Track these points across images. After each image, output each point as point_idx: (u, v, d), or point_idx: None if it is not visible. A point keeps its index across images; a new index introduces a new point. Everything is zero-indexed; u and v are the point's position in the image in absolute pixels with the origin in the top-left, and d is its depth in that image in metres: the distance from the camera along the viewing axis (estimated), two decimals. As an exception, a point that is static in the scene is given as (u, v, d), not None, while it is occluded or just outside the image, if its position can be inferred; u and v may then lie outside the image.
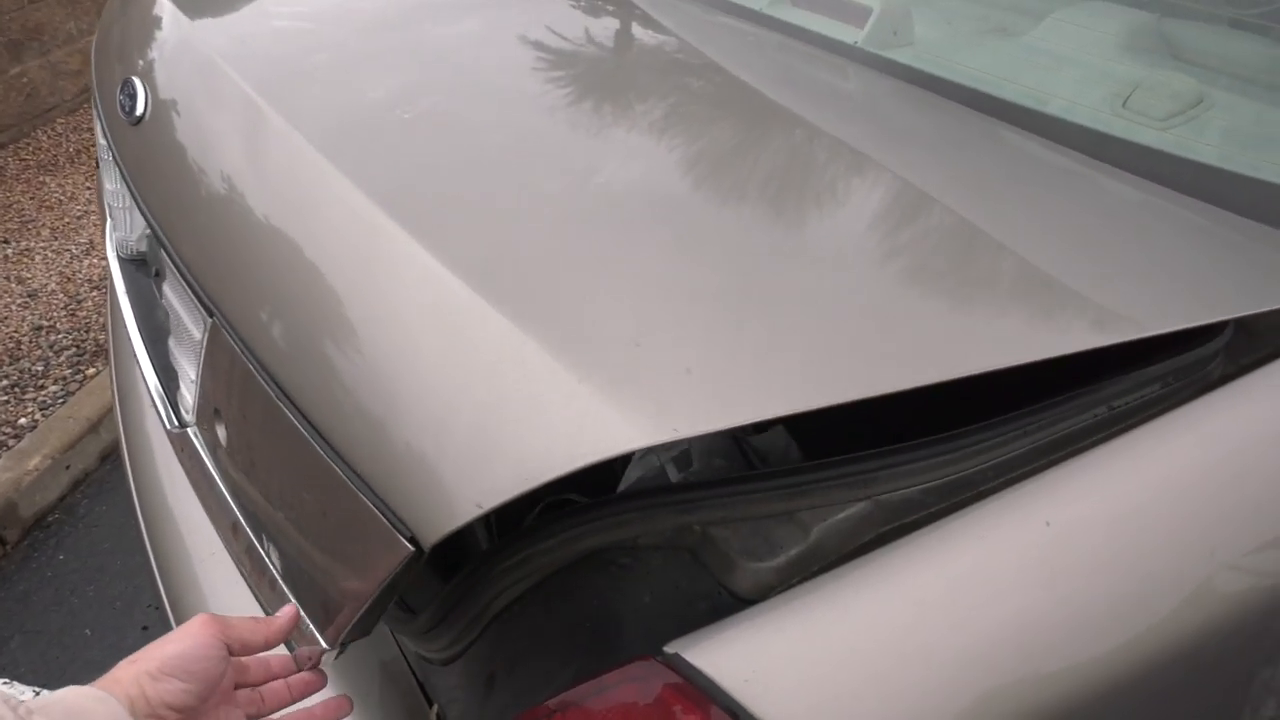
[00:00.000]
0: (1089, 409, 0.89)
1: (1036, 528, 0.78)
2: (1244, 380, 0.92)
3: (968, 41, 1.49)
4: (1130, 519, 0.82)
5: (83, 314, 3.27)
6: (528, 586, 0.83)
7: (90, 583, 2.38)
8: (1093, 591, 0.79)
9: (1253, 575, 0.86)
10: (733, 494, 0.80)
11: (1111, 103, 1.31)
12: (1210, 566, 0.84)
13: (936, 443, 0.85)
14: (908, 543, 0.78)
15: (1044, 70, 1.37)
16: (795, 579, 0.79)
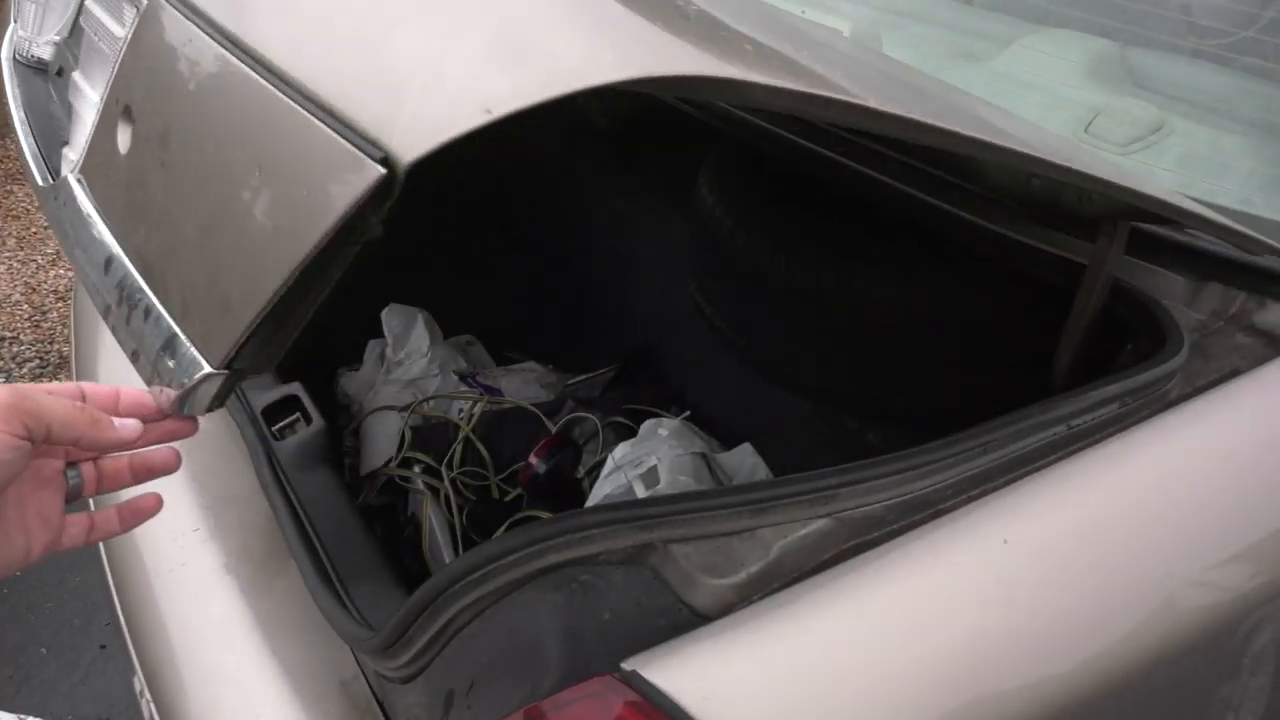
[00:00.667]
0: (1048, 427, 0.90)
1: (994, 545, 0.79)
2: (1199, 400, 0.94)
3: (936, 67, 1.50)
4: (1087, 537, 0.82)
5: (47, 325, 3.22)
6: (489, 604, 0.82)
7: (47, 599, 2.32)
8: (1051, 609, 0.79)
9: (1211, 591, 0.87)
10: (695, 511, 0.80)
11: (1074, 127, 1.32)
12: (1169, 584, 0.85)
13: (898, 460, 0.85)
14: (867, 561, 0.78)
15: (1009, 96, 1.39)
16: (756, 596, 0.78)
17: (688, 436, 1.48)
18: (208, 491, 1.32)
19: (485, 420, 1.82)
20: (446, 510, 1.61)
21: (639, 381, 2.12)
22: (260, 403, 1.38)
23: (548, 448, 1.58)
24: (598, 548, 0.80)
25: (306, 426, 1.34)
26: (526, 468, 1.57)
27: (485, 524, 1.56)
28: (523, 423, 1.85)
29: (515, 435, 1.83)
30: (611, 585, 0.80)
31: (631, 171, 2.26)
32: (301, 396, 1.39)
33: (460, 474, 1.69)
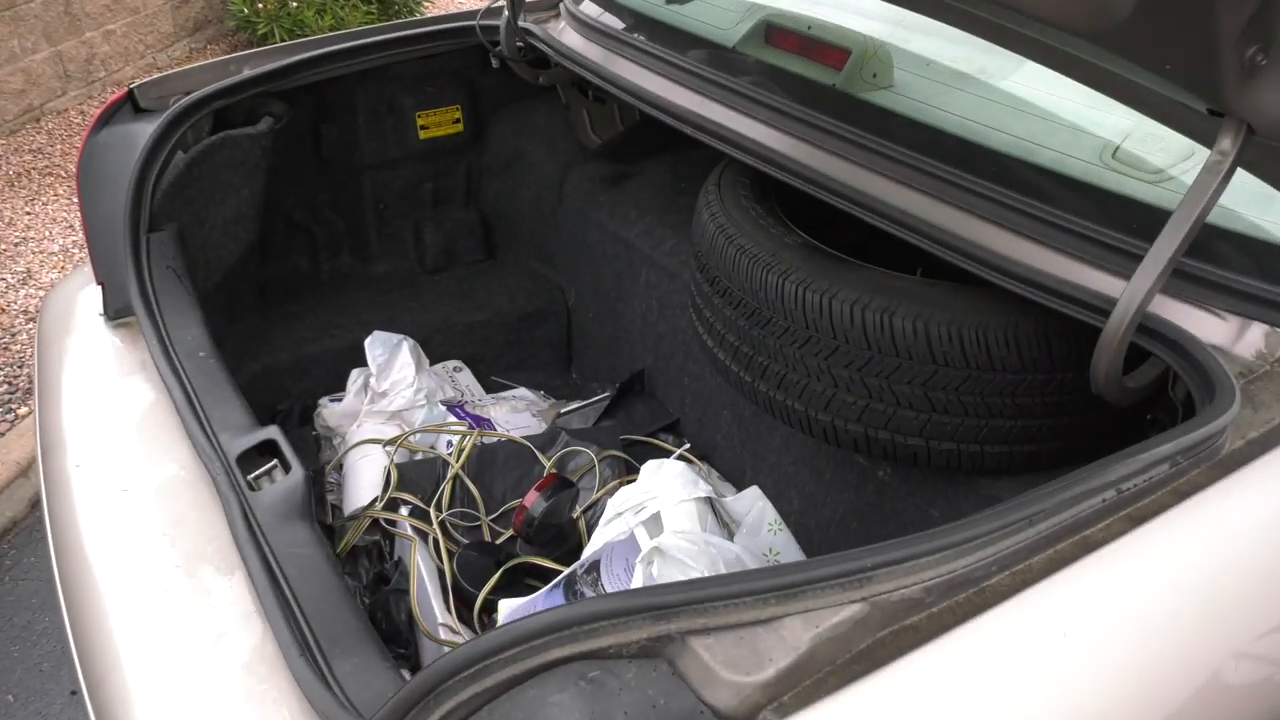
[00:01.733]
0: (1096, 493, 0.82)
1: (1052, 638, 0.71)
2: (1256, 462, 0.86)
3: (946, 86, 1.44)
4: (1151, 623, 0.75)
5: (16, 348, 3.10)
6: (486, 701, 0.74)
7: (15, 642, 2.22)
8: (1109, 703, 0.72)
9: (1271, 667, 0.80)
10: (716, 598, 0.72)
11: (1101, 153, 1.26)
12: (1233, 663, 0.78)
13: (937, 536, 0.77)
14: (911, 660, 0.71)
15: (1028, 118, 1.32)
16: (786, 695, 0.71)
17: (691, 479, 1.40)
18: (177, 547, 1.22)
19: (475, 455, 1.74)
20: (435, 555, 1.52)
21: (634, 410, 2.06)
22: (235, 448, 1.29)
23: (544, 488, 1.50)
24: (609, 641, 0.72)
25: (285, 475, 1.25)
26: (521, 510, 1.49)
27: (477, 571, 1.48)
28: (515, 457, 1.78)
29: (507, 471, 1.75)
30: (624, 683, 0.71)
31: (623, 189, 2.20)
32: (279, 441, 1.30)
33: (450, 515, 1.61)
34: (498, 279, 2.35)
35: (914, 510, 1.51)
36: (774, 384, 1.40)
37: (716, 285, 1.47)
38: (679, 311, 1.96)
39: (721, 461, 1.91)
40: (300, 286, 2.23)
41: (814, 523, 1.69)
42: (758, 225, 1.44)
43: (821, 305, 1.29)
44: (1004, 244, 1.17)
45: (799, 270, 1.33)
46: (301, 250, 2.26)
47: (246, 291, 2.06)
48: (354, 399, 1.96)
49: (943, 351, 1.24)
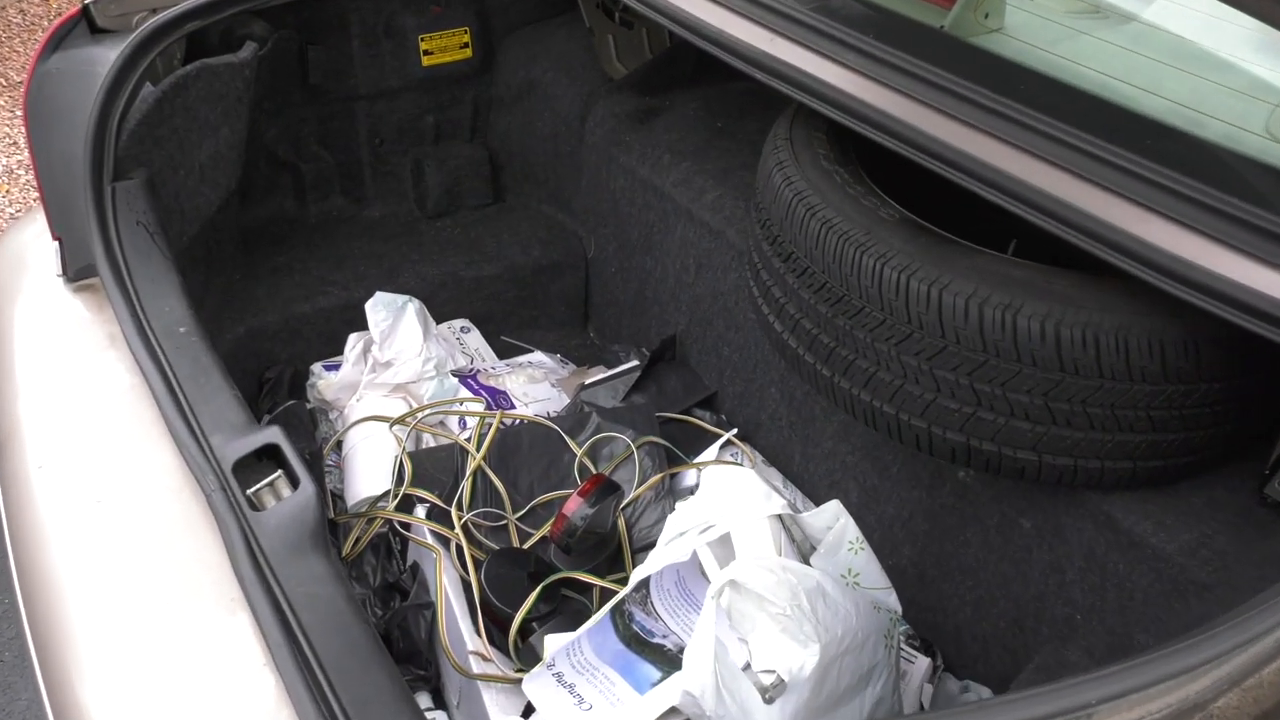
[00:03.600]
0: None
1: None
2: None
3: (1075, 31, 1.25)
4: None
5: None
6: None
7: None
8: None
9: None
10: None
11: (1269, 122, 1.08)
12: None
13: (1161, 661, 0.63)
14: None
15: (1181, 74, 1.14)
16: None
17: (763, 491, 1.26)
18: (167, 581, 1.07)
19: (497, 441, 1.60)
20: (459, 564, 1.39)
21: (665, 381, 1.91)
22: (230, 453, 1.14)
23: (587, 494, 1.36)
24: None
25: (292, 491, 1.09)
26: (560, 519, 1.35)
27: (508, 584, 1.35)
28: (541, 442, 1.64)
29: (533, 459, 1.61)
30: None
31: (652, 128, 2.03)
32: (283, 446, 1.14)
33: (473, 517, 1.47)
34: (508, 226, 2.21)
35: (999, 518, 1.40)
36: (859, 382, 1.27)
37: (792, 262, 1.31)
38: (720, 274, 1.82)
39: (766, 443, 1.80)
40: (286, 234, 2.08)
41: (874, 519, 1.59)
42: (845, 194, 1.27)
43: (929, 298, 1.15)
44: (1165, 236, 1.01)
45: (901, 254, 1.17)
46: (286, 190, 2.11)
47: (226, 243, 1.91)
48: (353, 368, 1.81)
49: (1073, 359, 1.09)
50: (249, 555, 1.03)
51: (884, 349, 1.21)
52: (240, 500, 1.07)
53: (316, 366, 1.88)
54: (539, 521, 1.53)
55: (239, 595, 1.02)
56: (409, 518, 1.47)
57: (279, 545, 1.04)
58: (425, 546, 1.40)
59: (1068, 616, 1.32)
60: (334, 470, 1.69)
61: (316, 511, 1.08)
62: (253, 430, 1.16)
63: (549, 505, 1.56)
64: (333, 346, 1.90)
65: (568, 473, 1.61)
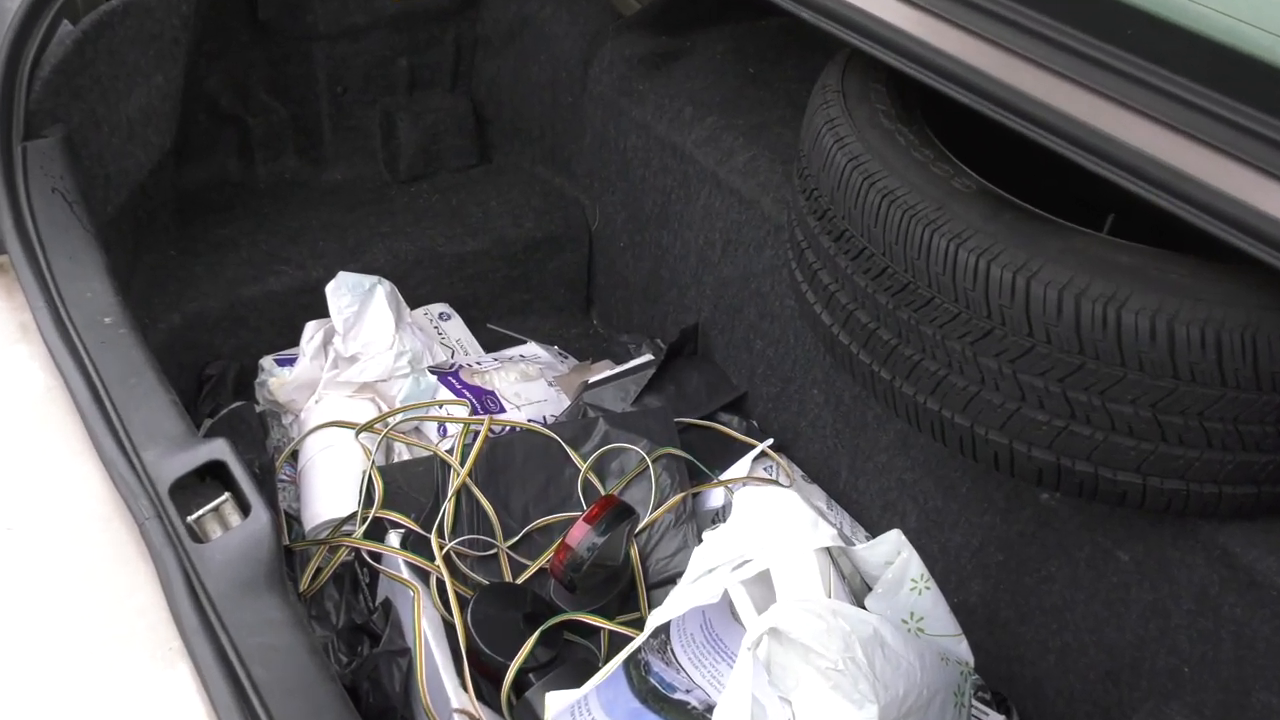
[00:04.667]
0: None
1: None
2: None
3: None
4: None
5: None
6: None
7: None
8: None
9: None
10: None
11: None
12: None
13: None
14: None
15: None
16: None
17: (808, 517, 1.24)
18: (91, 626, 1.06)
19: (485, 453, 1.59)
20: (440, 601, 1.38)
21: (684, 379, 1.91)
22: (167, 473, 1.14)
23: (595, 520, 1.35)
24: None
25: (242, 519, 1.10)
26: (563, 550, 1.35)
27: (499, 628, 1.35)
28: (538, 454, 1.63)
29: (528, 475, 1.61)
30: None
31: (671, 75, 2.03)
32: (230, 464, 1.15)
33: (457, 545, 1.46)
34: (496, 193, 2.22)
35: (1091, 550, 1.41)
36: (925, 387, 1.26)
37: (844, 241, 1.30)
38: (752, 252, 1.81)
39: (806, 456, 1.81)
40: (230, 201, 2.10)
41: (936, 548, 1.60)
42: (911, 160, 1.26)
43: (1013, 287, 1.13)
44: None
45: (980, 234, 1.16)
46: (230, 149, 2.12)
47: (159, 213, 1.92)
48: (310, 364, 1.81)
49: (1189, 363, 1.08)
50: (191, 596, 1.03)
51: (957, 348, 1.19)
52: (179, 530, 1.08)
53: (267, 361, 1.88)
54: (536, 551, 1.52)
55: (178, 645, 1.01)
56: (380, 546, 1.46)
57: (227, 584, 1.04)
58: (399, 581, 1.39)
59: (1173, 669, 1.31)
60: (288, 486, 1.69)
61: (272, 543, 1.08)
62: (194, 443, 1.17)
63: (548, 531, 1.55)
64: (286, 337, 1.90)
65: (570, 492, 1.60)
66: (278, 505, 1.61)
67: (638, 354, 2.00)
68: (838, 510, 1.73)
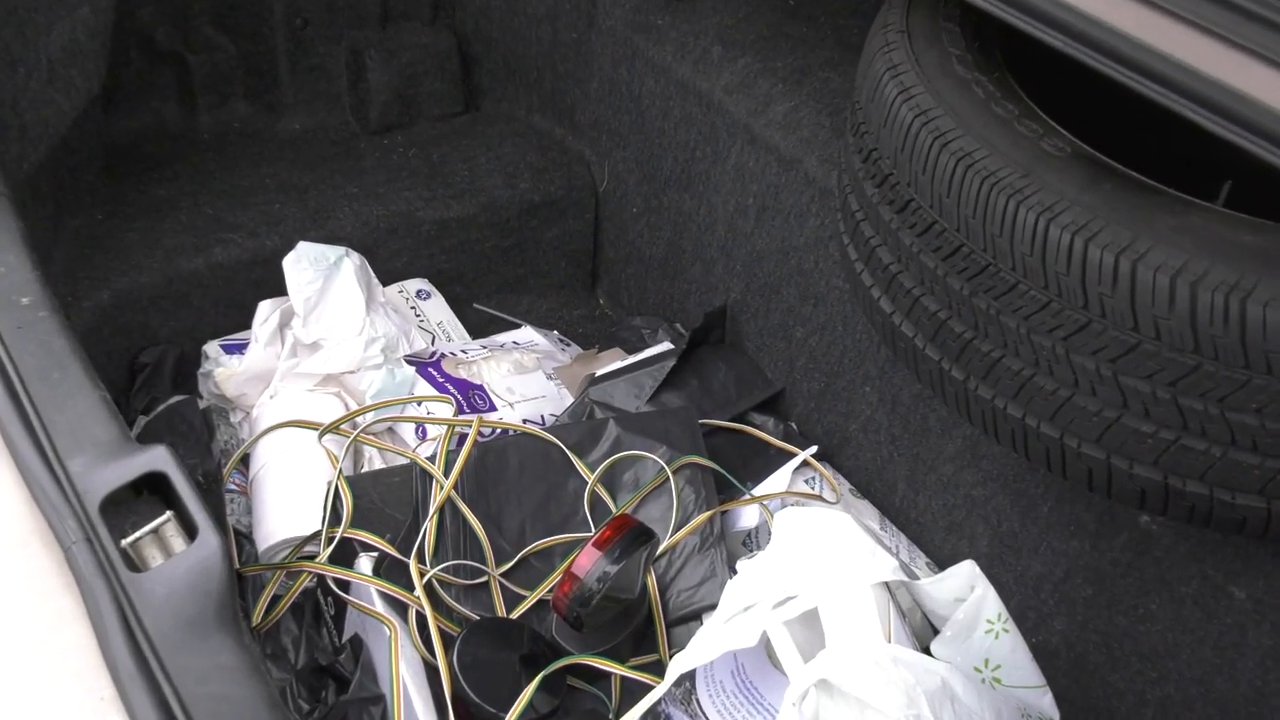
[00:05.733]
0: None
1: None
2: None
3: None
4: None
5: None
6: None
7: None
8: None
9: None
10: None
11: None
12: None
13: None
14: None
15: None
16: None
17: (866, 545, 1.26)
18: (11, 675, 1.07)
19: (472, 461, 1.60)
20: (420, 642, 1.39)
21: (708, 371, 1.92)
22: (96, 486, 1.14)
23: (606, 544, 1.35)
24: None
25: (188, 543, 1.10)
26: (568, 581, 1.35)
27: (491, 672, 1.36)
28: (535, 462, 1.65)
29: (524, 487, 1.62)
30: None
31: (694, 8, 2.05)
32: (173, 475, 1.16)
33: (440, 571, 1.47)
34: (485, 147, 2.24)
35: (1200, 584, 1.42)
36: (1006, 390, 1.26)
37: (909, 213, 1.30)
38: (794, 221, 1.82)
39: (856, 465, 1.82)
40: (168, 156, 2.11)
41: (1011, 578, 1.61)
42: (992, 116, 1.26)
43: (1115, 272, 1.13)
44: None
45: (1076, 207, 1.16)
46: (168, 93, 2.14)
47: (85, 170, 1.93)
48: (264, 351, 1.82)
49: (1329, 364, 1.08)
50: (126, 636, 1.03)
51: (1045, 344, 1.19)
52: (112, 556, 1.08)
53: (212, 347, 1.90)
54: (534, 580, 1.53)
55: (111, 694, 1.02)
56: (348, 573, 1.46)
57: (169, 622, 1.04)
58: (372, 615, 1.40)
59: (1297, 727, 1.33)
60: (237, 498, 1.70)
61: (223, 573, 1.08)
62: (129, 450, 1.16)
63: (548, 556, 1.56)
64: (235, 319, 1.92)
65: (574, 508, 1.61)
66: (226, 522, 1.63)
67: (654, 342, 2.01)
68: (893, 531, 1.74)
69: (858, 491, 1.78)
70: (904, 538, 1.73)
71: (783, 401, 1.91)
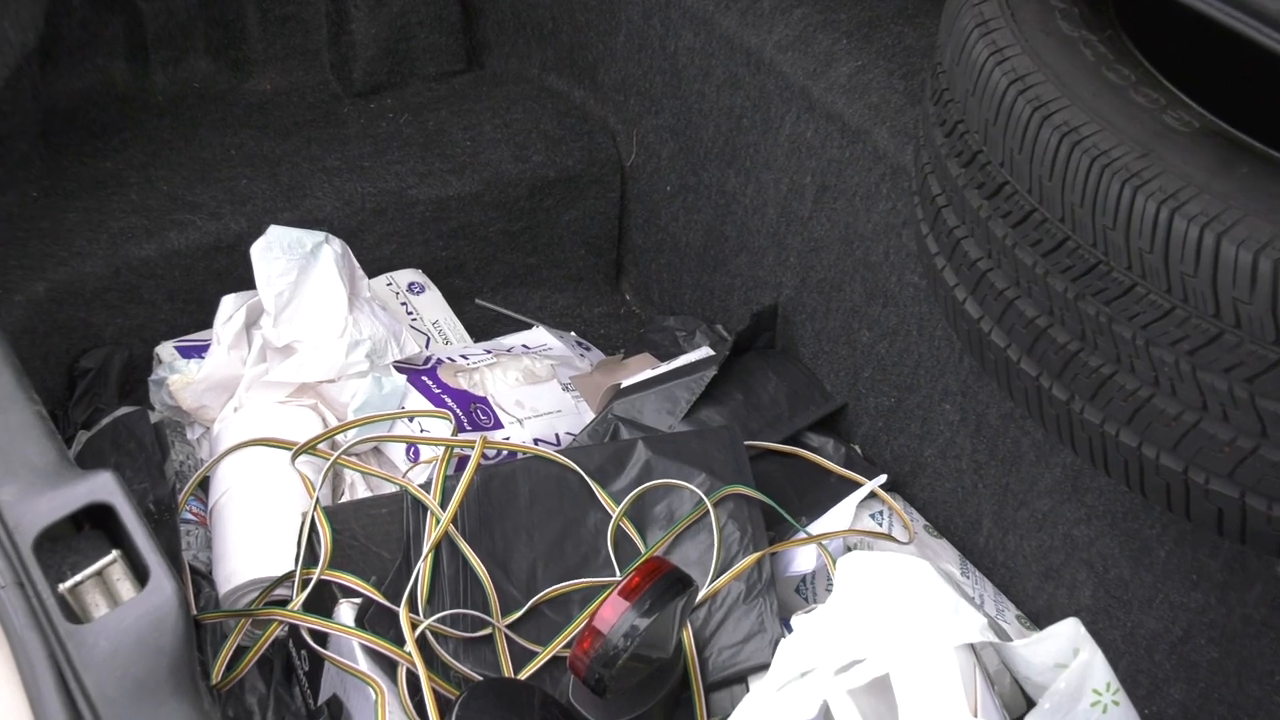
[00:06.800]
0: None
1: None
2: None
3: None
4: None
5: None
6: None
7: None
8: None
9: None
10: None
11: None
12: None
13: None
14: None
15: None
16: None
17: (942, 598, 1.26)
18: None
19: (475, 489, 1.61)
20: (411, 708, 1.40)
21: (756, 381, 1.93)
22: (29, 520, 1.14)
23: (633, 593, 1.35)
24: None
25: (138, 589, 1.11)
26: (589, 637, 1.35)
27: None
28: (549, 490, 1.66)
29: (536, 521, 1.63)
30: None
31: None
32: (120, 507, 1.16)
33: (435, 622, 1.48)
34: (491, 112, 2.27)
35: None
36: (1119, 414, 1.26)
37: (1003, 198, 1.31)
38: (860, 203, 1.84)
39: (932, 498, 1.84)
40: (116, 121, 2.14)
41: (1119, 636, 1.62)
42: (1103, 83, 1.26)
43: (1254, 273, 1.13)
44: None
45: (1206, 195, 1.16)
46: (115, 48, 2.16)
47: (18, 138, 1.95)
48: (228, 355, 1.84)
49: None
50: (64, 699, 1.05)
51: (1168, 358, 1.20)
52: (48, 604, 1.09)
53: (166, 349, 1.91)
54: (548, 633, 1.54)
55: None
56: (326, 623, 1.47)
57: (115, 684, 1.06)
58: (354, 674, 1.41)
59: None
60: (195, 529, 1.72)
61: (179, 626, 1.09)
62: (68, 477, 1.17)
63: (564, 605, 1.57)
64: (194, 316, 1.94)
65: (595, 548, 1.62)
66: (182, 559, 1.63)
67: (690, 346, 2.01)
68: (976, 577, 1.74)
69: (934, 529, 1.79)
70: (989, 585, 1.74)
71: (844, 420, 1.92)
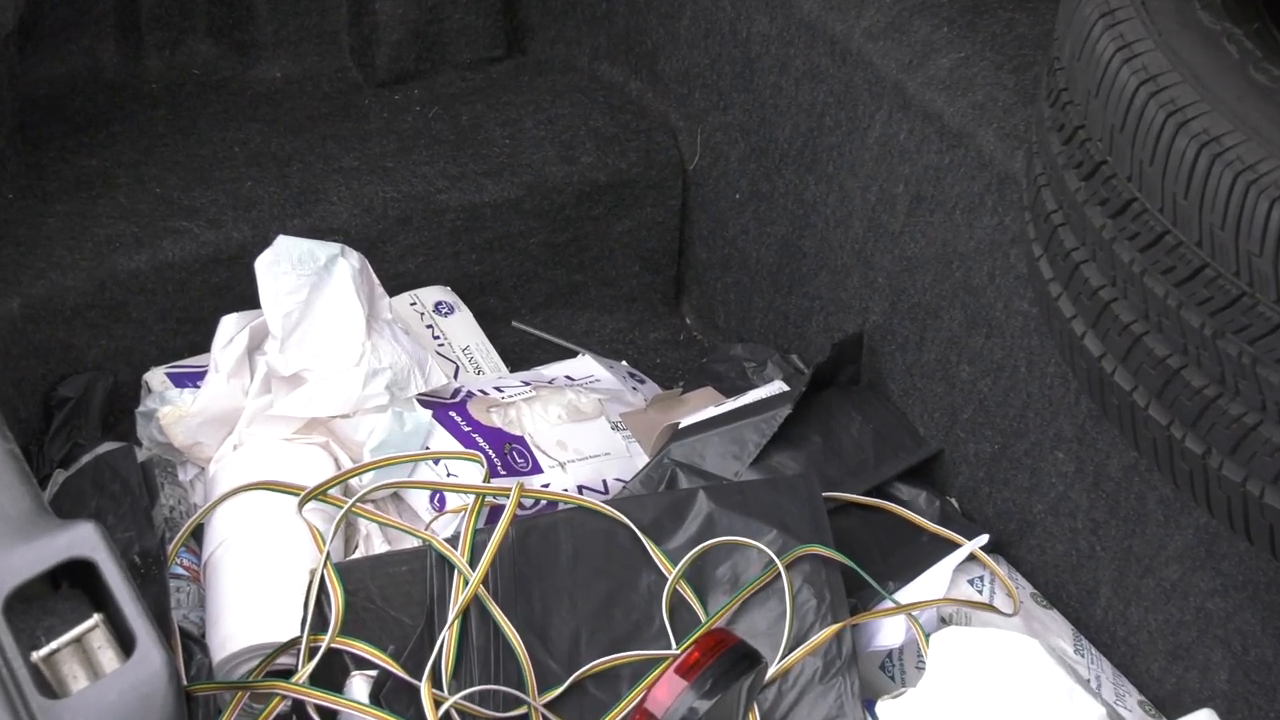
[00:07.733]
0: None
1: None
2: None
3: None
4: None
5: None
6: None
7: None
8: None
9: None
10: None
11: None
12: None
13: None
14: None
15: None
16: None
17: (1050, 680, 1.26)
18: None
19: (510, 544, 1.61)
20: None
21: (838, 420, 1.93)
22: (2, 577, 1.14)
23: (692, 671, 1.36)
24: None
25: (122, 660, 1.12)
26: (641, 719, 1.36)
27: None
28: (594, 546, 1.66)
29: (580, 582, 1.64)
30: None
31: None
32: (103, 564, 1.16)
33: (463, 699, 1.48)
34: (534, 105, 2.29)
35: None
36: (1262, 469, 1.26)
37: (1131, 217, 1.31)
38: (961, 217, 1.84)
39: (1041, 561, 1.84)
40: (102, 114, 2.16)
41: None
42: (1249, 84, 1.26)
43: None
44: None
45: None
46: (104, 27, 2.20)
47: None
48: (228, 384, 1.85)
49: None
50: None
51: None
52: (19, 676, 1.09)
53: (157, 377, 1.93)
54: (592, 713, 1.54)
55: None
56: (336, 699, 1.48)
57: None
58: None
59: None
60: (187, 585, 1.73)
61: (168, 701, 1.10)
62: (44, 527, 1.18)
63: (611, 681, 1.57)
64: (188, 338, 1.95)
65: (648, 615, 1.62)
66: (171, 621, 1.63)
67: (760, 380, 2.02)
68: (1092, 655, 1.74)
69: (1044, 598, 1.78)
70: (1107, 665, 1.73)
71: (940, 469, 1.93)
